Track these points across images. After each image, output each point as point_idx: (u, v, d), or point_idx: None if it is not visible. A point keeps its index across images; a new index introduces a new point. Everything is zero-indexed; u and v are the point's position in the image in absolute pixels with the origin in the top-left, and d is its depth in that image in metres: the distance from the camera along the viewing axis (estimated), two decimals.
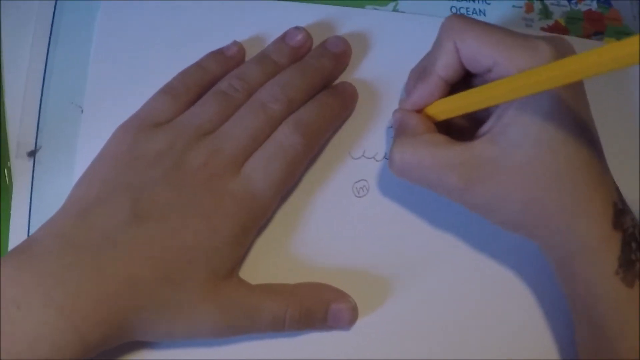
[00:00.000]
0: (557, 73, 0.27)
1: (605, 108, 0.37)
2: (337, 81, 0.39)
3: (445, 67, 0.33)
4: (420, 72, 0.35)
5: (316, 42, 0.39)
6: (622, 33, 0.41)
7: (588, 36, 0.42)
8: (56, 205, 0.33)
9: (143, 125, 0.35)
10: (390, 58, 0.39)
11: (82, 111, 0.38)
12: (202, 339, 0.33)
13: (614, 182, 0.32)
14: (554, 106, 0.30)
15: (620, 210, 0.31)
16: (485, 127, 0.32)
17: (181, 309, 0.31)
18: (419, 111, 0.34)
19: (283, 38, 0.39)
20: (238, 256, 0.34)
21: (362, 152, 0.38)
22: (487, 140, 0.31)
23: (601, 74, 0.25)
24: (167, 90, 0.36)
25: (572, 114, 0.30)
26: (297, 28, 0.38)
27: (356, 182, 0.38)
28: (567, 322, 0.35)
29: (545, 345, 0.36)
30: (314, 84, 0.37)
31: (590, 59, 0.25)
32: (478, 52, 0.32)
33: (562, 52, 0.30)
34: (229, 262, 0.33)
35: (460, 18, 0.33)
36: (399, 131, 0.34)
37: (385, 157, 0.38)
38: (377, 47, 0.40)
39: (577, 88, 0.32)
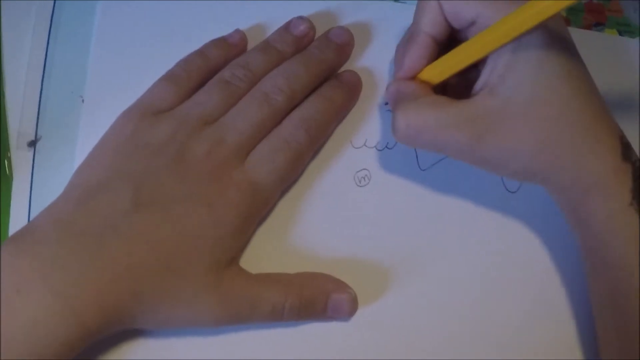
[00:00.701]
0: (540, 7, 0.28)
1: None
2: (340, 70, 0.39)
3: (431, 24, 0.33)
4: (408, 38, 0.35)
5: (318, 33, 0.39)
6: (623, 24, 0.41)
7: (589, 27, 0.42)
8: (56, 195, 0.33)
9: (145, 113, 0.35)
10: (392, 48, 0.38)
11: (82, 101, 0.38)
12: (202, 327, 0.33)
13: (613, 116, 0.32)
14: (544, 46, 0.30)
15: (626, 144, 0.31)
16: (480, 82, 0.32)
17: (182, 297, 0.31)
18: (413, 78, 0.34)
19: (286, 27, 0.38)
20: (240, 246, 0.34)
21: (364, 141, 0.38)
22: (487, 92, 0.31)
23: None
24: (169, 77, 0.36)
25: (563, 51, 0.31)
26: (300, 17, 0.38)
27: (358, 171, 0.38)
28: (581, 313, 0.35)
29: (549, 344, 0.36)
30: (317, 75, 0.37)
31: None
32: (460, 5, 0.32)
33: None
34: (230, 251, 0.33)
35: None
36: (398, 99, 0.33)
37: (387, 147, 0.38)
38: (379, 37, 0.40)
39: (560, 27, 0.32)
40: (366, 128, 0.38)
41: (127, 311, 0.30)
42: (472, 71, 0.33)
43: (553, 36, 0.30)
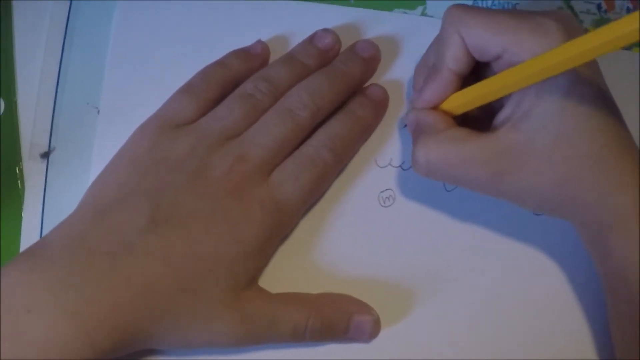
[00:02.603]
0: (572, 54, 0.27)
1: None
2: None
3: (454, 60, 0.32)
4: (429, 69, 0.34)
5: (344, 45, 0.38)
6: None
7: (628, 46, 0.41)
8: (70, 208, 0.32)
9: (163, 127, 0.34)
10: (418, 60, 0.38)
11: (98, 112, 0.38)
12: (220, 348, 0.33)
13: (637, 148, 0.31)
14: (572, 82, 0.30)
15: None
16: (503, 115, 0.32)
17: (199, 318, 0.31)
18: (434, 108, 0.34)
19: (311, 40, 0.38)
20: (261, 266, 0.34)
21: (389, 161, 0.38)
22: (510, 128, 0.31)
23: (615, 50, 0.26)
24: (187, 89, 0.35)
25: (590, 86, 0.30)
26: (325, 30, 0.38)
27: (382, 191, 0.37)
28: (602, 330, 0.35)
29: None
30: (342, 90, 0.36)
31: (603, 37, 0.26)
32: (485, 40, 0.31)
33: (571, 29, 0.30)
34: (251, 272, 0.33)
35: (461, 8, 0.32)
36: (418, 131, 0.33)
37: (412, 166, 0.35)
38: (405, 51, 0.39)
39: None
40: (391, 147, 0.38)
41: (141, 332, 0.30)
42: (495, 101, 0.33)
43: (581, 70, 0.30)
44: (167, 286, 0.30)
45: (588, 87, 0.30)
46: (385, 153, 0.38)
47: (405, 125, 0.37)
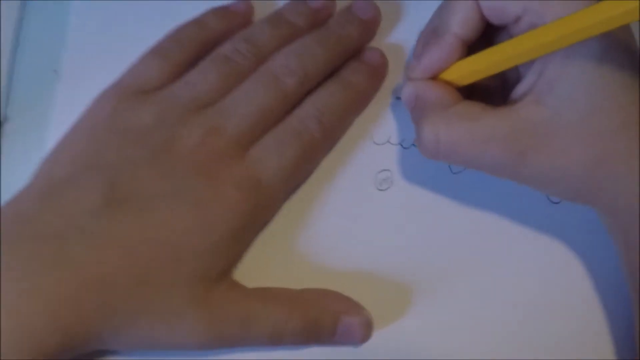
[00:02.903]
0: (606, 15, 0.25)
1: None
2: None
3: (462, 23, 0.30)
4: (431, 33, 0.32)
5: (339, 4, 0.36)
6: None
7: None
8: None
9: (127, 93, 0.32)
10: (424, 25, 0.35)
11: (56, 73, 0.36)
12: (186, 350, 0.30)
13: None
14: (605, 48, 0.28)
15: None
16: (523, 86, 0.30)
17: (161, 314, 0.28)
18: (434, 78, 0.32)
19: None
20: (235, 256, 0.32)
21: (387, 137, 0.35)
22: (532, 101, 0.29)
23: None
24: (157, 50, 0.33)
25: (625, 53, 0.28)
26: None
27: (379, 172, 0.35)
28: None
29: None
30: (336, 55, 0.34)
31: None
32: (504, 1, 0.29)
33: None
34: (223, 262, 0.30)
35: None
36: (421, 106, 0.31)
37: (414, 144, 0.35)
38: (409, 12, 0.37)
39: None
40: (390, 121, 0.36)
41: (94, 330, 0.27)
42: (510, 70, 0.31)
43: (611, 38, 0.28)
44: (122, 278, 0.28)
45: (622, 54, 0.28)
46: (383, 128, 0.36)
47: (398, 98, 0.36)
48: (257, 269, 0.33)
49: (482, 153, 0.29)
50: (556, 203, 0.34)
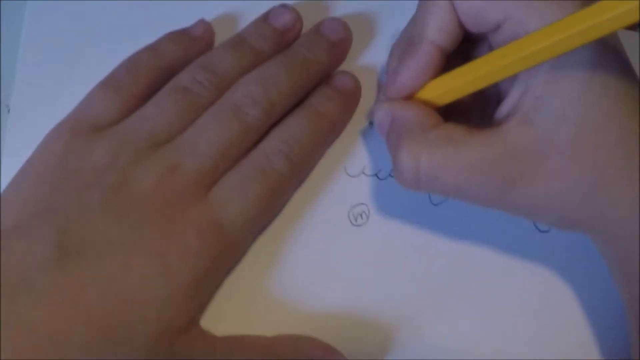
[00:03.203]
0: (597, 21, 0.23)
1: None
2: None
3: (439, 31, 0.29)
4: (405, 45, 0.30)
5: (307, 25, 0.34)
6: None
7: (633, 27, 0.37)
8: None
9: (78, 130, 0.31)
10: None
11: (8, 110, 0.35)
12: None
13: None
14: (596, 57, 0.26)
15: None
16: (507, 105, 0.28)
17: None
18: (409, 98, 0.30)
19: (265, 18, 0.34)
20: (200, 304, 0.30)
21: (362, 168, 0.34)
22: (519, 121, 0.27)
23: None
24: (110, 82, 0.32)
25: (616, 58, 0.27)
26: (284, 6, 0.34)
27: (353, 206, 0.33)
28: None
29: None
30: (303, 81, 0.32)
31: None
32: (483, 4, 0.27)
33: None
34: (187, 313, 0.29)
35: None
36: (398, 130, 0.29)
37: (390, 175, 0.34)
38: (383, 32, 0.36)
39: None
40: (364, 150, 0.34)
41: None
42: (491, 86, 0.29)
43: (602, 46, 0.26)
44: (78, 334, 0.26)
45: (614, 61, 0.27)
46: (357, 158, 0.34)
47: (371, 123, 0.34)
48: (226, 313, 0.32)
49: (467, 181, 0.27)
50: (544, 232, 0.33)
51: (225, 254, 0.30)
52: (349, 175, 0.34)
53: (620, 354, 0.31)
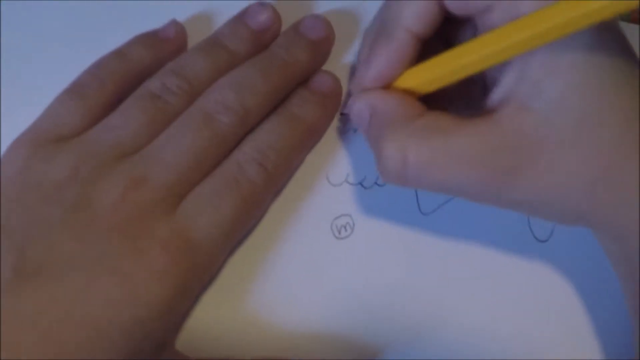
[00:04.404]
0: (598, 5, 0.23)
1: None
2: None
3: (416, 17, 0.28)
4: (378, 31, 0.29)
5: (287, 24, 0.34)
6: None
7: (636, 20, 0.36)
8: None
9: (41, 140, 0.30)
10: None
11: None
12: None
13: None
14: (595, 40, 0.25)
15: None
16: (500, 91, 0.27)
17: None
18: (386, 87, 0.29)
19: (241, 17, 0.33)
20: (171, 327, 0.29)
21: (345, 177, 0.33)
22: (516, 108, 0.26)
23: None
24: (74, 89, 0.31)
25: (616, 49, 0.26)
26: (260, 4, 0.33)
27: (336, 217, 0.32)
28: None
29: None
30: (281, 85, 0.31)
31: None
32: None
33: None
34: (157, 336, 0.27)
35: None
36: (379, 122, 0.28)
37: (376, 183, 0.33)
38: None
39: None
40: (347, 156, 0.33)
41: None
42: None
43: (602, 30, 0.25)
44: None
45: (616, 44, 0.26)
46: (339, 165, 0.33)
47: (342, 115, 0.33)
48: (202, 331, 0.31)
49: (459, 175, 0.26)
50: (543, 241, 0.32)
51: (196, 271, 0.29)
52: (331, 184, 0.33)
53: (623, 354, 0.31)
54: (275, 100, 0.31)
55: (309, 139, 0.32)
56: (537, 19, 0.24)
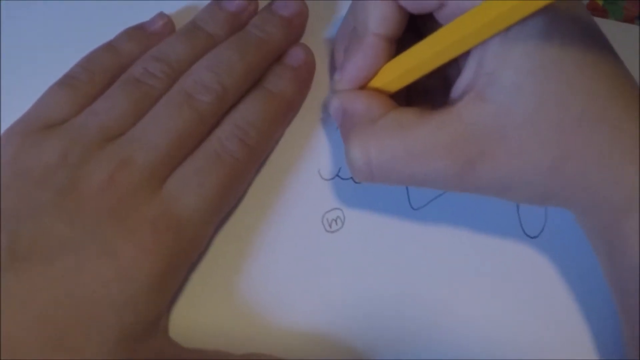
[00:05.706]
0: None
1: None
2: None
3: (381, 21, 0.28)
4: (350, 35, 0.31)
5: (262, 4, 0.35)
6: None
7: (630, 20, 0.37)
8: None
9: (32, 129, 0.30)
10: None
11: None
12: None
13: None
14: (549, 22, 0.26)
15: None
16: (461, 83, 0.28)
17: None
18: (362, 87, 0.30)
19: (218, 1, 0.34)
20: (161, 306, 0.29)
21: (337, 171, 0.33)
22: (474, 98, 0.26)
23: None
24: (65, 80, 0.31)
25: (574, 23, 0.26)
26: None
27: (327, 211, 0.33)
28: None
29: None
30: (257, 62, 0.32)
31: None
32: None
33: None
34: (148, 314, 0.28)
35: None
36: (348, 122, 0.29)
37: None
38: (343, 6, 0.35)
39: None
40: (338, 151, 0.33)
41: None
42: (449, 64, 0.28)
43: (557, 13, 0.26)
44: (31, 342, 0.25)
45: (571, 24, 0.26)
46: (331, 159, 0.33)
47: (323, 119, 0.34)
48: (192, 322, 0.31)
49: (422, 168, 0.27)
50: (534, 237, 0.33)
51: (184, 248, 0.29)
52: (322, 179, 0.33)
53: (615, 350, 0.31)
54: (252, 78, 0.32)
55: (286, 112, 0.33)
56: (485, 9, 0.25)
